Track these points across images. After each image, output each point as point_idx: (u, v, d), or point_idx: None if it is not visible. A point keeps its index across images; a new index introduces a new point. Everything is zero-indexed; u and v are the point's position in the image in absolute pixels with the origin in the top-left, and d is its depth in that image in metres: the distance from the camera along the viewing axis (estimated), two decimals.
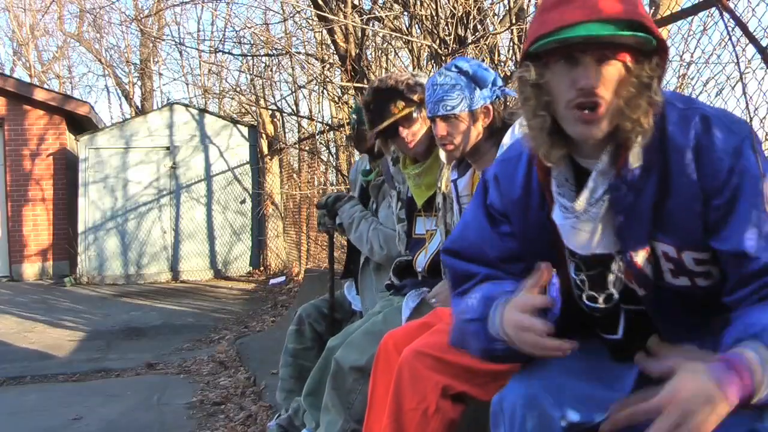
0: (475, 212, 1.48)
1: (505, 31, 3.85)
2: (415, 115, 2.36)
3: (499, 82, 2.09)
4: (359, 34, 5.36)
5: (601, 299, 1.34)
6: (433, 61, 4.03)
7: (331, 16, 5.06)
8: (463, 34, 3.86)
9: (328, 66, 6.79)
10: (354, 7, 5.29)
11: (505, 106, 2.13)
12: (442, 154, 2.18)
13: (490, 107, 2.06)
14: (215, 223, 10.20)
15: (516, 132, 1.94)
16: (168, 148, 9.98)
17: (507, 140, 1.94)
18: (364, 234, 2.80)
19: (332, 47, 6.02)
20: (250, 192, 10.16)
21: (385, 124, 2.38)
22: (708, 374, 1.04)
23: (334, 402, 2.33)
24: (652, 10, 3.26)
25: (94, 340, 6.07)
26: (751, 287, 1.17)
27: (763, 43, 1.97)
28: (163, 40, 13.43)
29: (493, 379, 1.65)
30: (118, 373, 4.87)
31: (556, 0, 1.22)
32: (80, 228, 9.68)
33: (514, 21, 3.72)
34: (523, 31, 3.63)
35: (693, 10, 2.39)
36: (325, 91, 7.54)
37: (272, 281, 8.79)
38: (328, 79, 6.82)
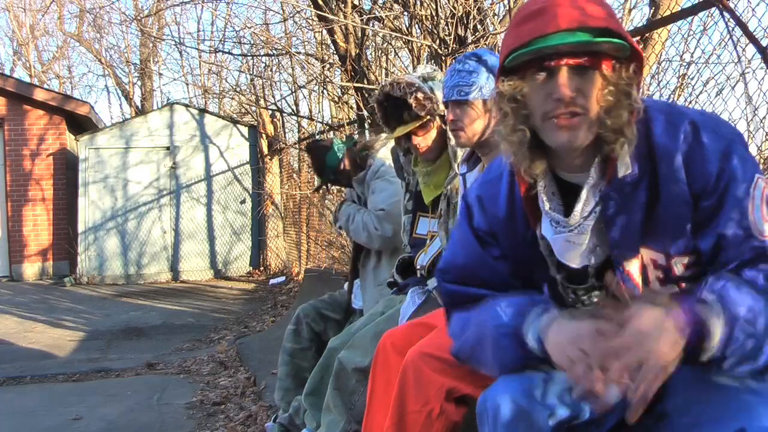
0: (464, 236, 1.46)
1: (505, 31, 3.84)
2: (427, 125, 2.37)
3: None
4: (359, 34, 5.35)
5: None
6: (432, 61, 4.03)
7: (331, 16, 5.05)
8: (463, 34, 3.86)
9: (328, 66, 6.79)
10: (354, 7, 5.29)
11: None
12: (452, 145, 2.17)
13: None
14: (215, 223, 10.20)
15: None
16: (168, 148, 9.98)
17: None
18: (360, 223, 2.88)
19: (332, 47, 6.01)
20: (250, 192, 10.16)
21: (397, 133, 2.44)
22: (661, 310, 1.12)
23: (336, 402, 2.32)
24: (652, 10, 3.26)
25: (94, 340, 6.07)
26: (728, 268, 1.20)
27: (763, 43, 1.97)
28: (163, 40, 13.42)
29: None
30: (118, 373, 4.87)
31: (528, 13, 1.22)
32: (80, 228, 9.68)
33: None
34: None
35: (693, 10, 2.38)
36: (325, 91, 7.53)
37: (272, 281, 8.79)
38: (328, 79, 6.82)
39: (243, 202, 10.23)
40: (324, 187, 3.24)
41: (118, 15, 14.35)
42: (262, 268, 10.07)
